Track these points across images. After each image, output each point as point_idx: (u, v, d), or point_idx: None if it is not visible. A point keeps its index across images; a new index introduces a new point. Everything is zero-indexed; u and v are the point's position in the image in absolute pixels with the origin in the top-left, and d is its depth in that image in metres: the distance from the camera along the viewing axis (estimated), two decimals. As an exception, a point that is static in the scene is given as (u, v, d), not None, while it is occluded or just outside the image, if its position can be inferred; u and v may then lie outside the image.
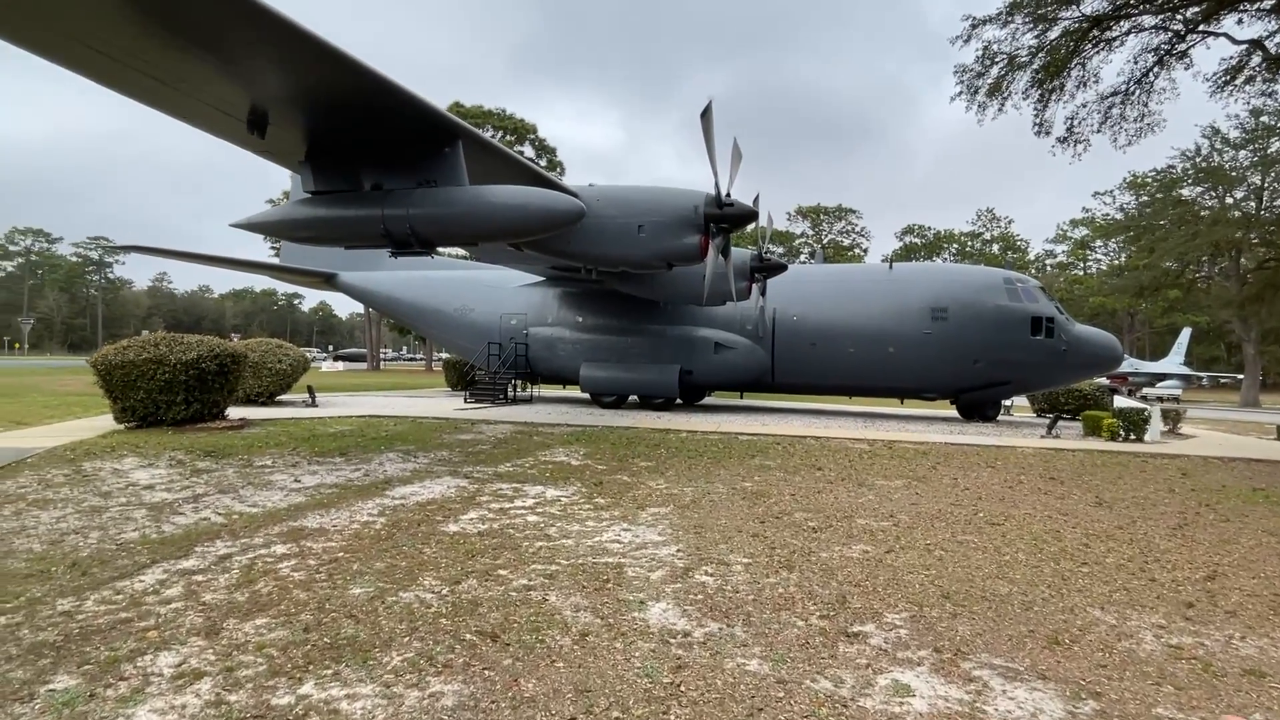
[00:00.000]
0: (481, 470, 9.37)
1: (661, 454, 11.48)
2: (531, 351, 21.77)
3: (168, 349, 11.68)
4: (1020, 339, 18.12)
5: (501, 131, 50.93)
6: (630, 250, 12.00)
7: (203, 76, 7.73)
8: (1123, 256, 62.27)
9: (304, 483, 8.16)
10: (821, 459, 11.41)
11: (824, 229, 76.46)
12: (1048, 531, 6.99)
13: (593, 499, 7.82)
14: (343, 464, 9.49)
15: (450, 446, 11.57)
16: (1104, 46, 13.20)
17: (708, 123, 10.56)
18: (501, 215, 8.76)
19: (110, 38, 6.88)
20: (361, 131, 9.13)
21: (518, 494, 7.97)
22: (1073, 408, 21.16)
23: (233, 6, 6.65)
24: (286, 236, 9.79)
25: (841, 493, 8.71)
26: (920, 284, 19.30)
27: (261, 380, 17.38)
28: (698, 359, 19.93)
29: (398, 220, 8.96)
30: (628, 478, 9.22)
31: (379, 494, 7.71)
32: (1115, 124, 14.40)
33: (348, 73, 7.93)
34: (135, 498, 7.05)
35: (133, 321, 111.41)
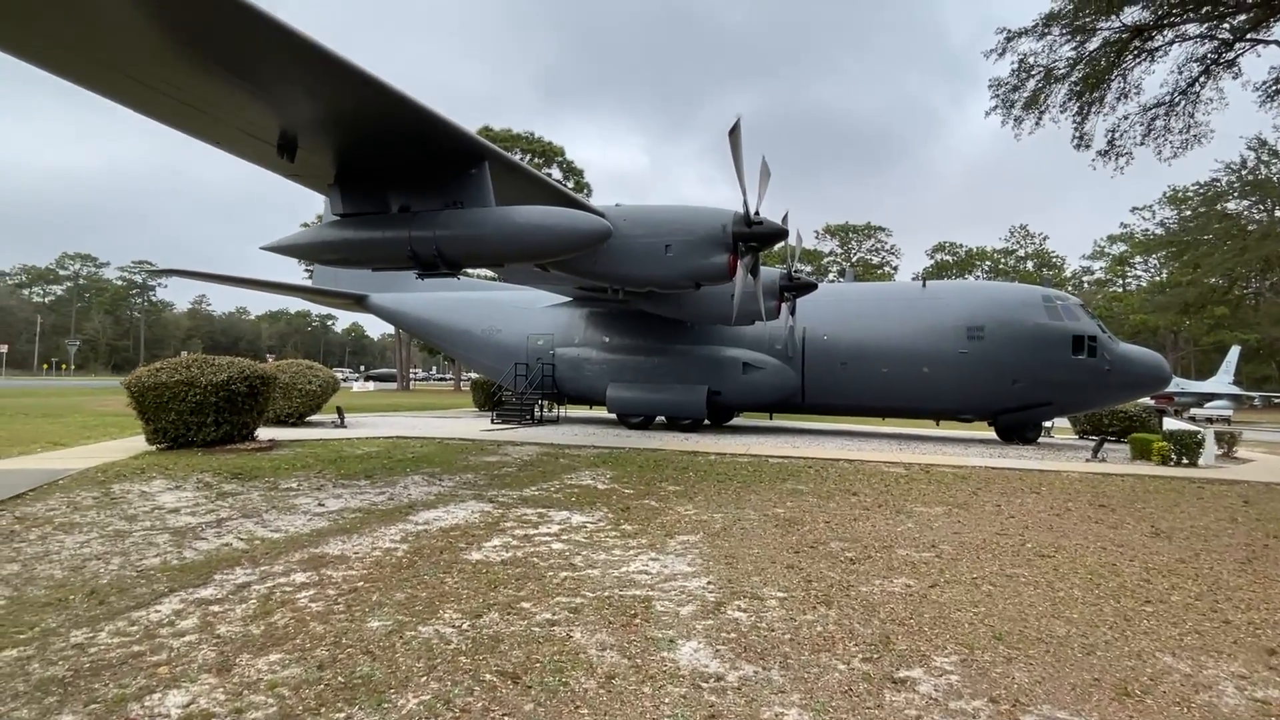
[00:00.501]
0: (506, 494, 9.20)
1: (690, 478, 11.20)
2: (558, 372, 21.71)
3: (199, 371, 11.80)
4: (1061, 358, 17.50)
5: (530, 154, 51.60)
6: (658, 270, 11.84)
7: (235, 102, 7.82)
8: (1164, 273, 60.46)
9: (328, 506, 8.07)
10: (856, 484, 11.03)
11: (853, 247, 75.77)
12: (1103, 565, 6.55)
13: (619, 525, 7.58)
14: (367, 487, 9.40)
15: (476, 469, 11.44)
16: (1146, 57, 12.79)
17: (736, 140, 10.41)
18: (527, 236, 8.68)
19: (146, 66, 6.99)
20: (389, 154, 9.17)
21: (543, 520, 7.76)
22: (1118, 430, 20.38)
23: (267, 34, 6.70)
24: (315, 259, 9.85)
25: (879, 520, 8.35)
26: (955, 302, 18.82)
27: (291, 401, 17.54)
28: (726, 379, 19.64)
29: (424, 242, 8.94)
30: (655, 503, 8.97)
31: (402, 519, 7.57)
32: (1159, 136, 13.90)
33: (377, 96, 7.97)
34: (160, 522, 7.01)
35: (173, 342, 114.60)
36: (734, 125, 10.27)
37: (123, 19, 6.21)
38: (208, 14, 6.33)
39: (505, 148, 49.51)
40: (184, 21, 6.43)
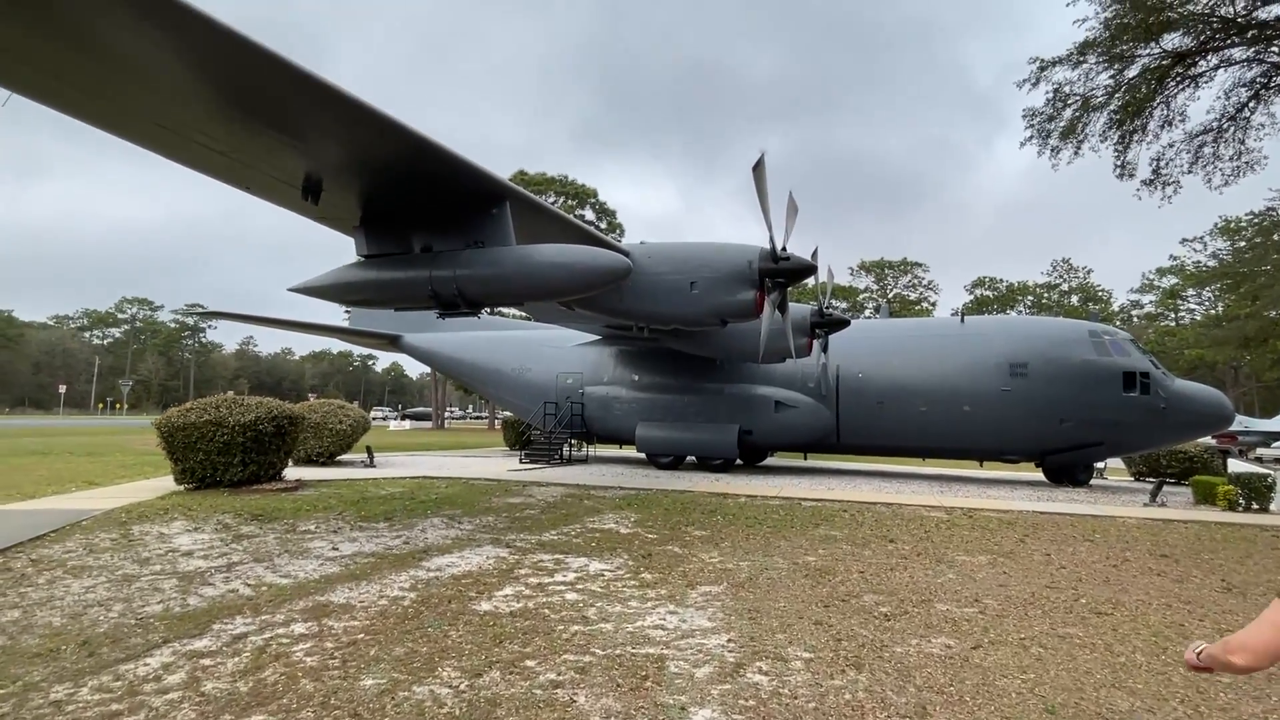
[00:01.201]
0: (525, 539, 8.91)
1: (717, 521, 10.77)
2: (587, 411, 21.51)
3: (228, 411, 11.91)
4: (1111, 396, 16.64)
5: (564, 196, 52.56)
6: (683, 308, 11.64)
7: (263, 147, 7.97)
8: (1220, 305, 58.04)
9: (341, 551, 7.89)
10: (894, 529, 10.46)
11: (889, 283, 74.75)
12: (1169, 625, 5.94)
13: (639, 574, 7.22)
14: (385, 530, 9.22)
15: (497, 511, 11.20)
16: (1189, 83, 12.33)
17: (760, 175, 10.25)
18: (547, 274, 8.58)
19: (173, 113, 7.16)
20: (412, 196, 9.24)
21: (559, 566, 7.45)
22: (1177, 471, 19.20)
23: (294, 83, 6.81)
24: (340, 300, 9.92)
25: (917, 570, 7.81)
26: (996, 338, 18.15)
27: (322, 440, 17.65)
28: (757, 418, 19.17)
29: (445, 281, 8.91)
30: (679, 549, 8.57)
31: (415, 564, 7.34)
32: (1208, 163, 13.32)
33: (400, 140, 8.04)
34: (171, 566, 6.91)
35: (220, 382, 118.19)
36: (758, 160, 10.12)
37: (152, 69, 6.38)
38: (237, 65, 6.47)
39: (539, 191, 50.62)
40: (214, 72, 6.58)
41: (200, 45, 6.12)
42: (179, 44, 6.09)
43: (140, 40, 5.96)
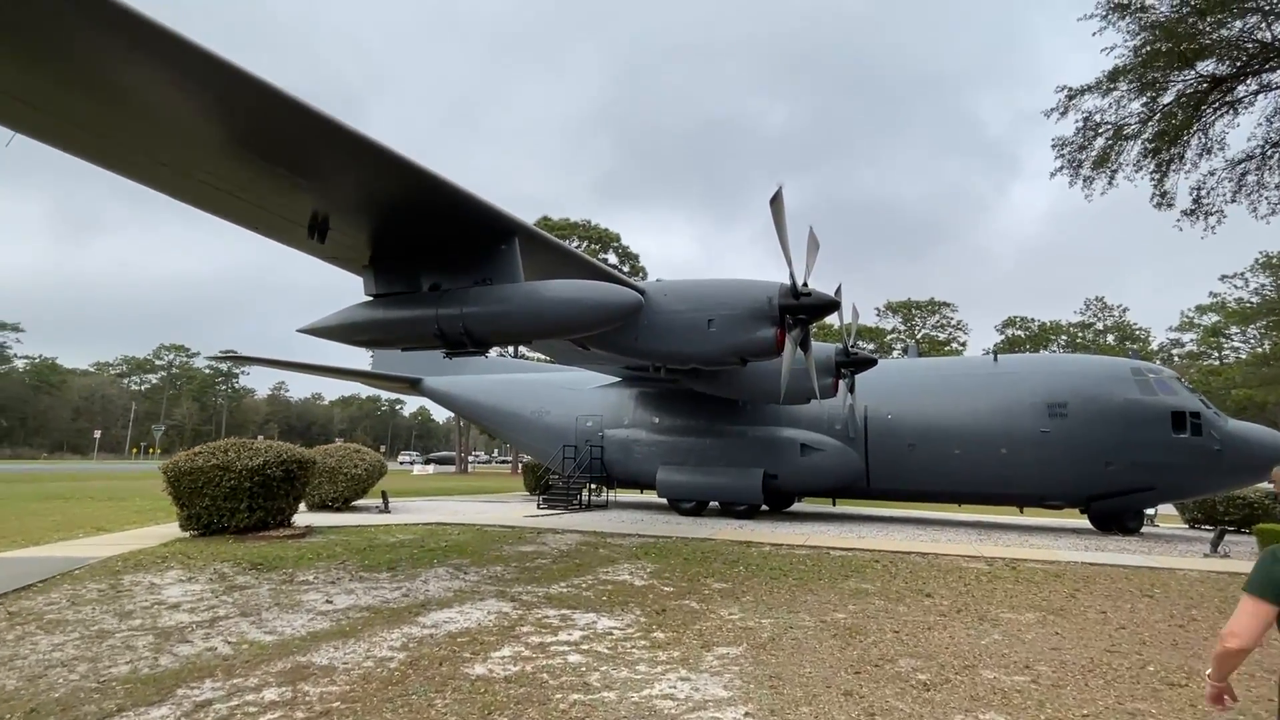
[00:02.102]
0: (531, 591, 8.37)
1: (739, 573, 10.11)
2: (607, 454, 20.97)
3: (235, 455, 11.67)
4: (1160, 437, 15.66)
5: (587, 240, 53.03)
6: (701, 346, 11.20)
7: (267, 186, 7.86)
8: (1266, 343, 55.86)
9: (335, 604, 7.43)
10: (930, 582, 9.69)
11: (916, 324, 73.56)
12: (1255, 700, 5.18)
13: (650, 633, 6.63)
14: (386, 581, 8.75)
15: (507, 560, 10.67)
16: (1228, 109, 11.83)
17: (778, 209, 9.91)
18: (555, 310, 8.26)
19: (177, 152, 7.08)
20: (420, 233, 9.06)
21: (565, 624, 6.89)
22: (1237, 519, 17.96)
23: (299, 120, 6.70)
24: (347, 340, 9.70)
25: (958, 630, 7.09)
26: (1032, 377, 17.35)
27: (337, 485, 17.35)
28: (783, 462, 18.45)
29: (451, 320, 8.63)
30: (696, 604, 7.96)
31: (410, 620, 6.85)
32: (1252, 192, 12.69)
33: (406, 176, 7.88)
34: (152, 620, 6.51)
35: (252, 427, 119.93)
36: (775, 194, 9.80)
37: (151, 106, 6.29)
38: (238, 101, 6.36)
39: (562, 235, 51.17)
40: (214, 109, 6.48)
41: (200, 81, 6.02)
42: (178, 80, 5.99)
43: (138, 76, 5.87)
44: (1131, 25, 11.55)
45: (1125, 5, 11.61)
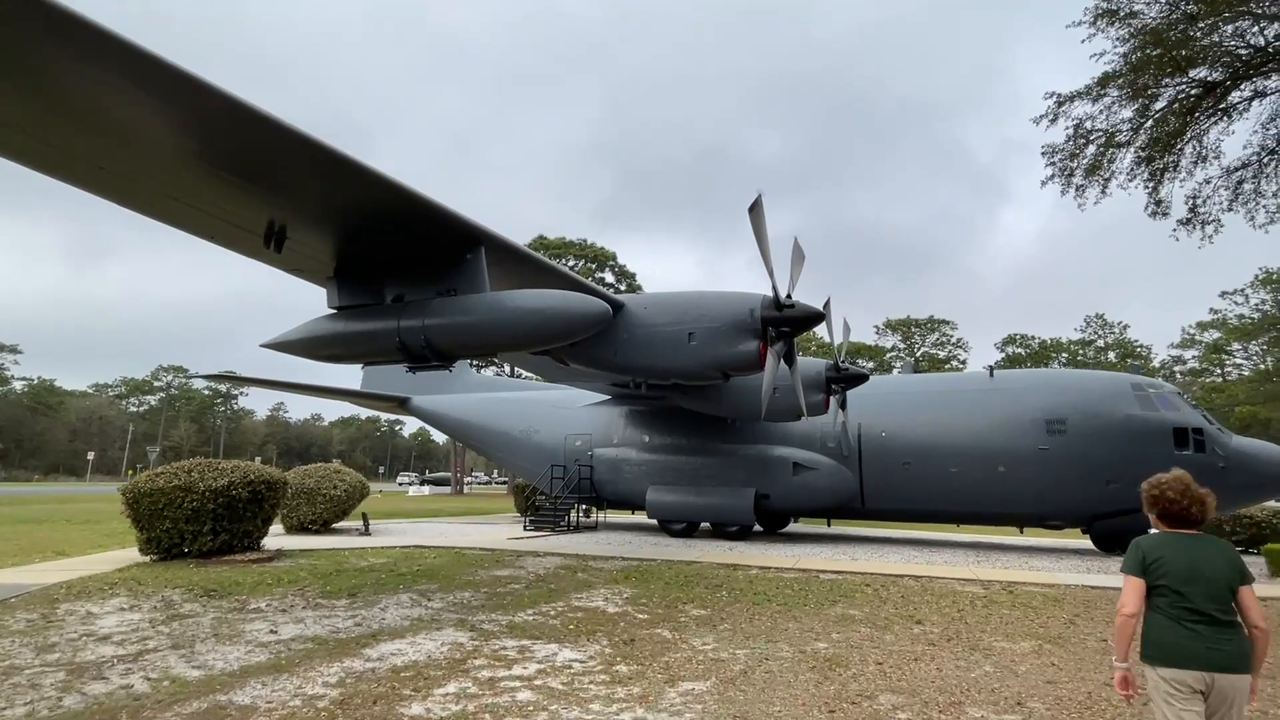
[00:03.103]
0: (495, 620, 7.88)
1: (721, 598, 9.60)
2: (596, 474, 20.47)
3: (198, 476, 11.22)
4: (1162, 454, 15.13)
5: (583, 259, 52.87)
6: (681, 360, 10.80)
7: (217, 193, 7.52)
8: (1268, 360, 55.38)
9: (280, 634, 6.94)
10: (922, 608, 9.18)
11: (916, 341, 73.18)
12: None
13: (613, 666, 6.13)
14: (342, 609, 8.26)
15: (478, 585, 10.17)
16: (1221, 116, 11.53)
17: (757, 218, 9.56)
18: (519, 321, 7.87)
19: (118, 157, 6.74)
20: (384, 243, 8.71)
21: (523, 656, 6.40)
22: (1244, 538, 17.35)
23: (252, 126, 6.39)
24: (310, 354, 9.31)
25: (947, 661, 6.59)
26: (1029, 392, 16.90)
27: (315, 507, 16.87)
28: (775, 481, 17.94)
29: (412, 332, 8.26)
30: (669, 633, 7.46)
31: (355, 652, 6.36)
32: (1249, 200, 12.34)
33: (363, 183, 7.56)
34: (71, 654, 6.03)
35: (250, 448, 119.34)
36: (754, 202, 9.46)
37: (85, 107, 5.96)
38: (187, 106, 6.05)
39: (557, 254, 50.98)
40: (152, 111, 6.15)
41: (138, 83, 5.69)
42: (113, 81, 5.66)
43: (71, 76, 5.54)
44: (1121, 31, 11.30)
45: (1114, 11, 11.37)
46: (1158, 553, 3.16)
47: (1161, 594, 3.11)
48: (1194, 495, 3.22)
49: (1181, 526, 3.24)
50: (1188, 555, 3.10)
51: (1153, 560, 3.14)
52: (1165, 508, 3.27)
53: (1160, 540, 3.22)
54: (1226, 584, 3.04)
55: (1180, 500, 3.22)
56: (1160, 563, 3.12)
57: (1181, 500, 3.22)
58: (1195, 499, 3.22)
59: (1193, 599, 3.02)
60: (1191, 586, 3.03)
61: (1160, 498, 3.27)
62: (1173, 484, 3.25)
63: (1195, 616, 3.01)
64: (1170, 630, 3.05)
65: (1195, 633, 2.99)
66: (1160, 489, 3.28)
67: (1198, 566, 3.06)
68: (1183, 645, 3.01)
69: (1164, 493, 3.26)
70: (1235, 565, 3.10)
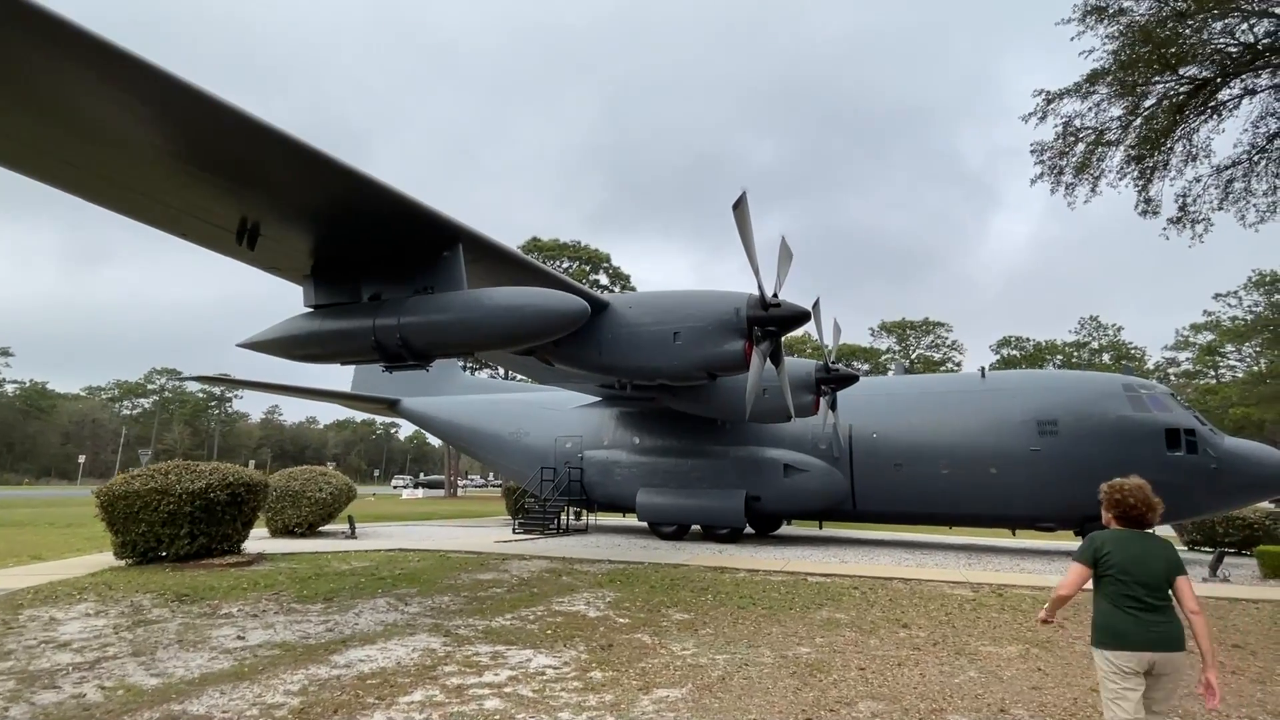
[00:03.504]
0: (471, 625, 7.70)
1: (706, 602, 9.45)
2: (587, 476, 20.30)
3: (175, 478, 11.03)
4: (1154, 455, 15.04)
5: (577, 261, 52.69)
6: (667, 360, 10.65)
7: (183, 189, 7.34)
8: (1262, 361, 55.44)
9: (247, 640, 6.76)
10: (909, 611, 9.03)
11: (911, 344, 73.17)
12: None
13: (588, 673, 5.97)
14: (316, 613, 8.07)
15: (459, 589, 10.00)
16: (1211, 113, 11.44)
17: (741, 215, 9.42)
18: (495, 319, 7.71)
19: (84, 152, 6.57)
20: (360, 241, 8.54)
21: (496, 662, 6.23)
22: (1237, 540, 17.27)
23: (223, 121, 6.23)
24: (286, 354, 9.14)
25: (931, 666, 6.44)
26: (1021, 393, 16.78)
27: (300, 510, 16.66)
28: (766, 483, 17.79)
29: (387, 330, 8.09)
30: (649, 638, 7.29)
31: (322, 659, 6.18)
32: (1239, 199, 12.24)
33: (338, 180, 7.39)
34: (27, 661, 5.84)
35: (244, 452, 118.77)
36: (738, 199, 9.31)
37: (46, 99, 5.79)
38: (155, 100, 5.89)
39: (551, 256, 50.79)
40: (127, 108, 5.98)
41: (103, 76, 5.52)
42: (78, 74, 5.49)
43: (30, 66, 5.37)
44: (1110, 29, 11.20)
45: (1103, 8, 11.27)
46: (1109, 546, 3.56)
47: (1108, 582, 3.53)
48: (1151, 503, 3.63)
49: (1134, 527, 3.64)
50: (1133, 550, 3.52)
51: (1104, 553, 3.55)
52: (1125, 510, 3.64)
53: (1112, 535, 3.63)
54: (1164, 575, 3.45)
55: (1139, 506, 3.62)
56: (1109, 555, 3.53)
57: (1140, 506, 3.61)
58: (1151, 506, 3.63)
59: (1133, 588, 3.44)
60: (1133, 576, 3.45)
61: (1122, 501, 3.65)
62: (1135, 491, 3.64)
63: (1135, 603, 3.42)
64: (1114, 615, 3.47)
65: (1135, 618, 3.40)
66: (1123, 494, 3.65)
67: (1140, 560, 3.48)
68: (1125, 630, 3.42)
69: (1126, 497, 3.64)
70: (1172, 560, 3.51)
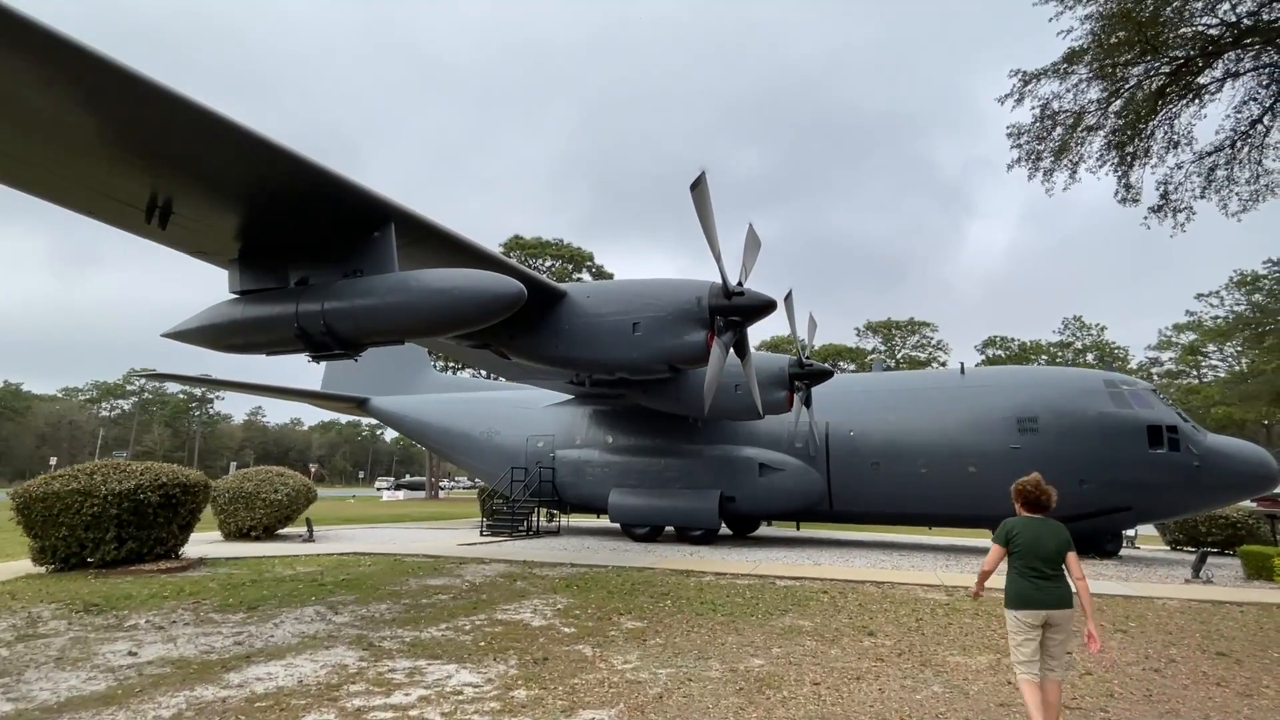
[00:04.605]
0: (399, 636, 7.08)
1: (664, 608, 8.87)
2: (559, 476, 19.67)
3: (101, 479, 10.31)
4: (1136, 453, 14.65)
5: (559, 260, 52.04)
6: (626, 351, 10.08)
7: (92, 164, 6.70)
8: (1244, 361, 55.61)
9: (140, 656, 6.11)
10: (878, 618, 8.50)
11: (896, 344, 73.03)
12: None
13: (510, 691, 5.37)
14: (231, 625, 7.42)
15: (401, 596, 9.36)
16: (1192, 96, 11.01)
17: (700, 196, 8.87)
18: (423, 302, 7.10)
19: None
20: (285, 220, 7.90)
21: (410, 679, 5.62)
22: (1220, 539, 16.94)
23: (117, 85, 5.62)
24: (211, 344, 8.49)
25: (892, 680, 5.90)
26: (1000, 389, 16.35)
27: (254, 512, 15.93)
28: (741, 483, 17.25)
29: (311, 317, 7.46)
30: (590, 649, 6.71)
31: (215, 677, 5.54)
32: (1222, 187, 11.83)
33: (258, 154, 6.78)
34: None
35: (226, 454, 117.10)
36: (696, 179, 8.75)
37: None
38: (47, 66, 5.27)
39: (533, 254, 50.09)
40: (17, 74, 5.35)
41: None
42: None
43: None
44: (1090, 8, 10.74)
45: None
46: (1016, 529, 4.56)
47: (1016, 558, 4.50)
48: (1045, 491, 4.62)
49: (1035, 512, 4.62)
50: (1034, 532, 4.49)
51: (1013, 534, 4.54)
52: (1028, 500, 4.66)
53: (1019, 521, 4.62)
54: (1057, 551, 4.41)
55: (1036, 494, 4.62)
56: (1017, 536, 4.52)
57: (1037, 494, 4.62)
58: (1045, 493, 4.62)
59: (1034, 562, 4.40)
60: (1034, 553, 4.41)
61: (1025, 492, 4.67)
62: (1033, 483, 4.67)
63: (1035, 573, 4.39)
64: (1019, 584, 4.46)
65: (1035, 584, 4.39)
66: (1025, 486, 4.68)
67: (1039, 539, 4.44)
68: (1027, 594, 4.40)
69: (1027, 489, 4.66)
70: (1064, 538, 4.47)
